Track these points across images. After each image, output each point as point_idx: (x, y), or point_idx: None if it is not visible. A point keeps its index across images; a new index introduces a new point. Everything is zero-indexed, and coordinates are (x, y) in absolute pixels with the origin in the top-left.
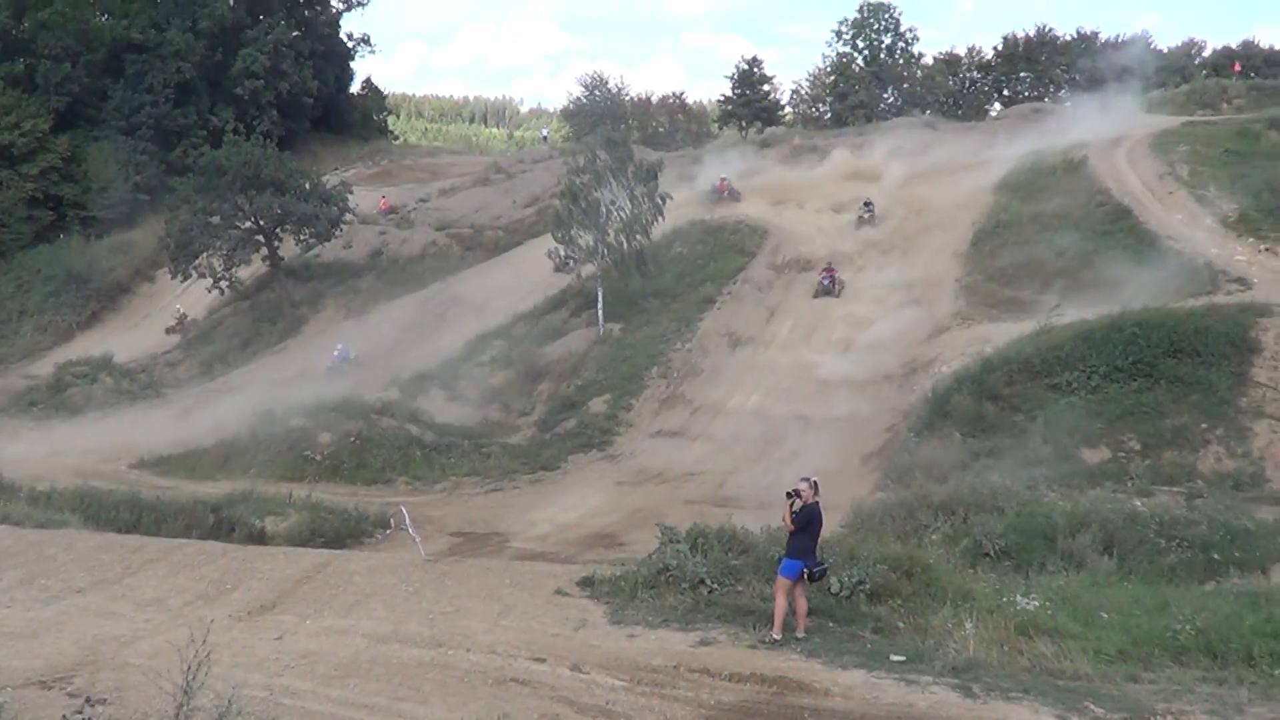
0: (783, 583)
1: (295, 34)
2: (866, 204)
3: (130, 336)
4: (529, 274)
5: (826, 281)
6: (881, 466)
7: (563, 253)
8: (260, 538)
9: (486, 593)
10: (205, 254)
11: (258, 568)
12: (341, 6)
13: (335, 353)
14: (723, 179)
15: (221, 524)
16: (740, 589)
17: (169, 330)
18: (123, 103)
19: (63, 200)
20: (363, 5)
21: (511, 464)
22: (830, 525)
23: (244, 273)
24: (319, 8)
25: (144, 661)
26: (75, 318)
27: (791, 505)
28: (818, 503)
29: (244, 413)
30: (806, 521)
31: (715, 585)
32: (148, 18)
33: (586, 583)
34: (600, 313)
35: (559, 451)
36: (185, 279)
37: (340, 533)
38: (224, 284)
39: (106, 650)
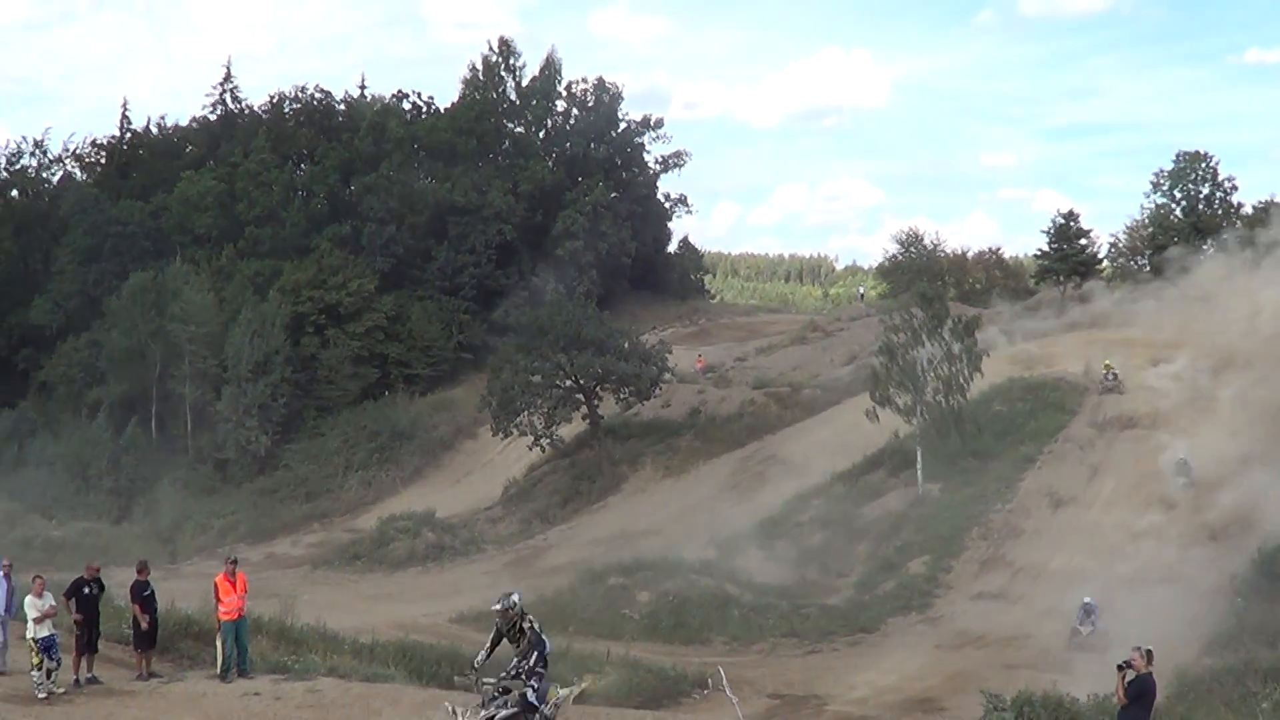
0: None
1: (614, 195)
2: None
3: (452, 492)
4: (847, 433)
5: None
6: (1207, 631)
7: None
8: (578, 696)
9: None
10: (526, 412)
11: None
12: (659, 168)
13: None
14: (1107, 364)
15: None
16: None
17: None
18: (445, 263)
19: (387, 358)
20: (679, 167)
21: (830, 625)
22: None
23: (564, 431)
24: (637, 170)
25: None
26: (399, 473)
27: (1124, 676)
28: (1151, 673)
29: (564, 569)
30: (1139, 693)
31: None
32: (470, 181)
33: None
34: (919, 473)
35: (878, 613)
36: (507, 436)
37: (658, 692)
38: (544, 442)
39: None
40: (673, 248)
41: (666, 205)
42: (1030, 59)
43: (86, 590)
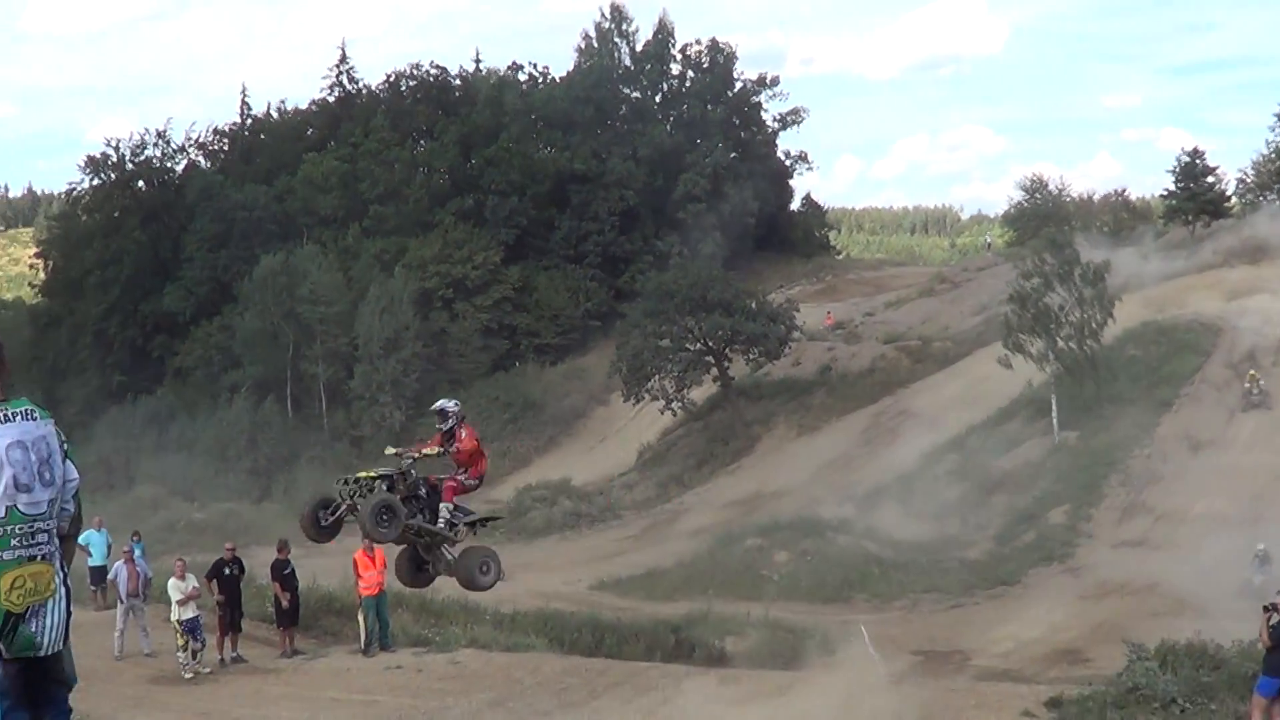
0: (1259, 701)
1: (733, 155)
2: (1253, 385)
3: (587, 460)
4: (980, 384)
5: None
6: None
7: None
8: (720, 658)
9: (952, 715)
10: (657, 377)
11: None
12: (777, 126)
13: None
14: (1252, 374)
15: (681, 645)
16: (1213, 708)
17: None
18: (569, 232)
19: (516, 329)
20: (798, 124)
21: (970, 579)
22: None
23: (695, 394)
24: (755, 129)
25: None
26: (533, 443)
27: (1269, 619)
28: None
29: (701, 532)
30: None
31: (1187, 704)
32: (589, 149)
33: (1053, 704)
34: (1055, 421)
35: (1018, 565)
36: (638, 402)
37: (800, 652)
38: (676, 406)
39: None
40: (796, 205)
41: (787, 163)
42: None
43: (227, 571)
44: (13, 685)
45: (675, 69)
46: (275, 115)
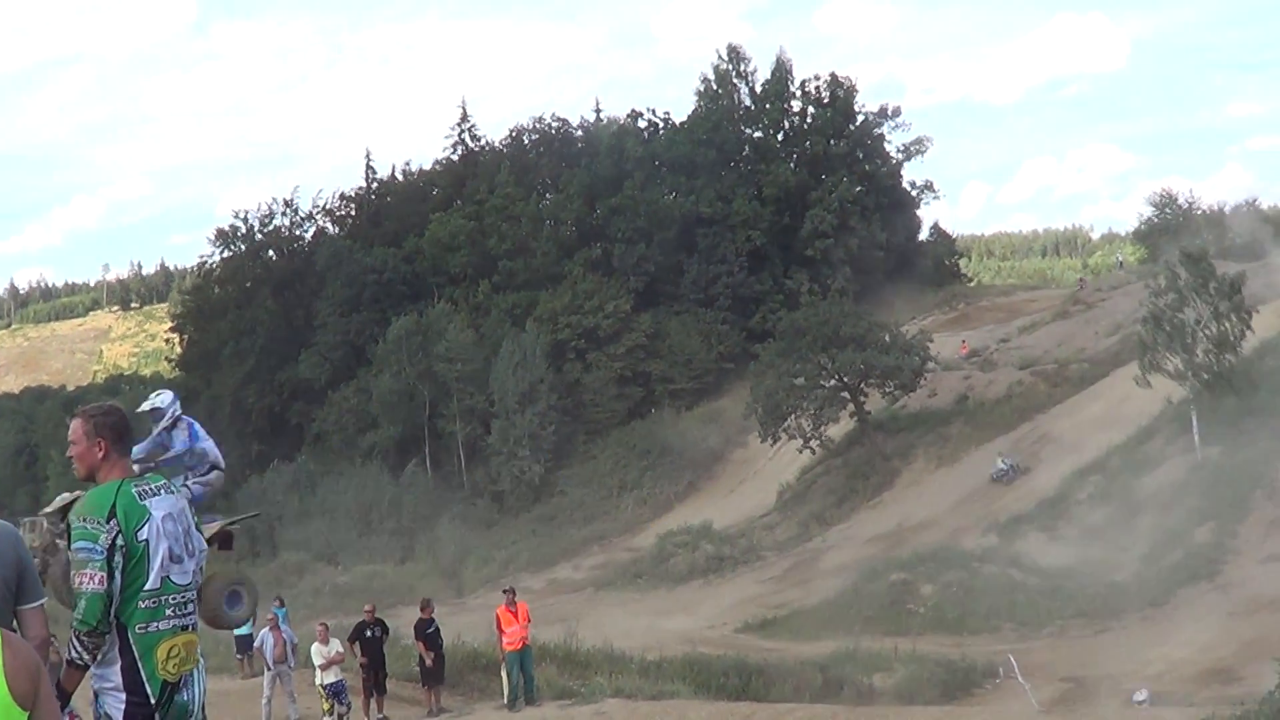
0: None
1: (859, 189)
2: None
3: (727, 502)
4: (1119, 405)
5: None
6: None
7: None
8: (869, 695)
9: None
10: (793, 415)
11: None
12: (901, 157)
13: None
14: None
15: (830, 684)
16: None
17: None
18: (698, 276)
19: (650, 376)
20: (922, 153)
21: (1119, 602)
22: None
23: (833, 431)
24: (879, 161)
25: None
26: (672, 488)
27: None
28: None
29: (845, 569)
30: None
31: None
32: (714, 191)
33: None
34: (1196, 437)
35: (1166, 586)
36: (775, 442)
37: (949, 685)
38: (814, 444)
39: None
40: (924, 235)
41: (913, 193)
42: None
43: (369, 633)
44: None
45: (796, 106)
46: (400, 177)
